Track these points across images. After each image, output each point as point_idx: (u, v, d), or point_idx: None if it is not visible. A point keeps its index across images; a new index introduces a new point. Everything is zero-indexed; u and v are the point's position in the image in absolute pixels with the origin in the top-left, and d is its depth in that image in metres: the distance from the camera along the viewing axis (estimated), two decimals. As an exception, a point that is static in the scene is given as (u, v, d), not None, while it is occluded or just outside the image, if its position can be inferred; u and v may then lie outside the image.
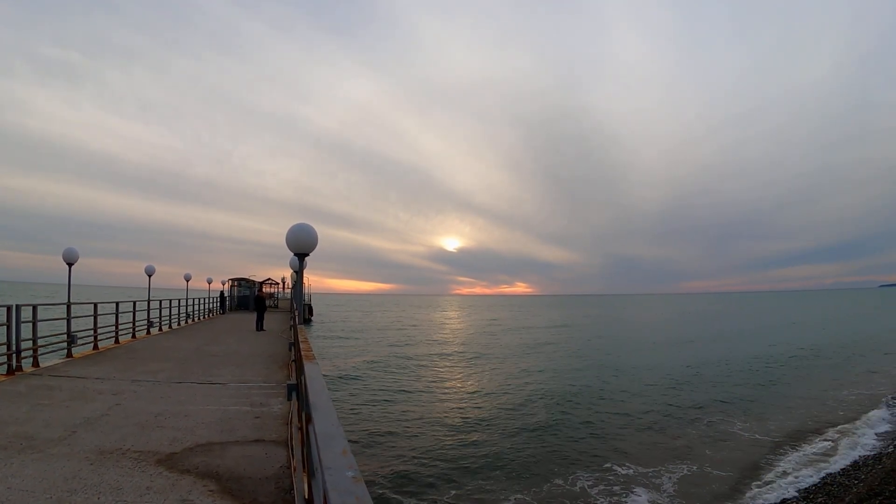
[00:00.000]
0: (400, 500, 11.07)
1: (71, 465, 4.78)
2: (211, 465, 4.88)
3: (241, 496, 4.17)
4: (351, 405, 18.77)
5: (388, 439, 14.94)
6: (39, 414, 6.62)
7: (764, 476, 12.84)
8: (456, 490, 11.68)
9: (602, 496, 11.63)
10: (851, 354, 34.16)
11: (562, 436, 16.06)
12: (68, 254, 14.33)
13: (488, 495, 11.48)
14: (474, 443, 15.03)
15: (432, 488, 11.69)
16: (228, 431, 6.09)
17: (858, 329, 54.32)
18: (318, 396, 2.52)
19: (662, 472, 12.94)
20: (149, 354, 12.89)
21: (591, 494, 11.73)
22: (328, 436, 1.82)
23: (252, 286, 42.50)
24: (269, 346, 15.24)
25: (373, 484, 11.43)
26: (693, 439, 15.76)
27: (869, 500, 10.54)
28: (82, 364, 11.02)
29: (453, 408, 19.33)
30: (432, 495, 11.34)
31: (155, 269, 22.85)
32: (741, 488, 12.12)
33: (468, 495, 11.45)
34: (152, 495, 4.13)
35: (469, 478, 12.39)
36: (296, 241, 8.38)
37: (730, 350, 37.48)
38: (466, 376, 26.56)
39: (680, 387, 23.81)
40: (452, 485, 11.96)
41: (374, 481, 11.68)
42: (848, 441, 15.33)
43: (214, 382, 9.27)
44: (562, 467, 13.31)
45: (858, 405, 19.64)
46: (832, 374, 27.09)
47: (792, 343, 41.46)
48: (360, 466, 1.50)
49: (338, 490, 1.32)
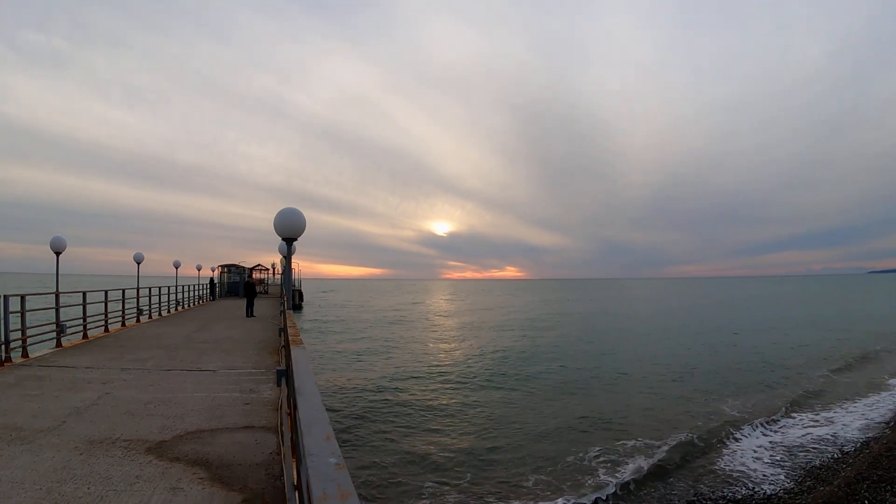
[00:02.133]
0: (390, 485, 10.92)
1: (61, 455, 4.78)
2: (201, 453, 4.89)
3: (231, 483, 4.19)
4: (343, 391, 18.76)
5: (382, 424, 14.93)
6: (29, 404, 6.59)
7: (753, 456, 13.04)
8: (455, 473, 11.68)
9: (612, 470, 11.93)
10: (838, 338, 34.67)
11: (567, 415, 16.38)
12: (56, 243, 14.17)
13: (491, 476, 11.53)
14: (474, 425, 15.19)
15: (426, 472, 11.63)
16: (218, 418, 6.10)
17: (847, 314, 55.14)
18: (303, 381, 2.53)
19: (661, 448, 13.31)
20: (138, 342, 12.82)
21: (601, 469, 11.97)
22: (312, 421, 1.82)
23: (242, 272, 42.34)
24: (259, 333, 15.22)
25: (362, 470, 11.36)
26: (686, 417, 16.15)
27: (857, 483, 10.76)
28: (72, 353, 10.96)
29: (451, 391, 19.43)
30: (427, 479, 11.30)
31: (144, 257, 22.69)
32: (728, 468, 12.33)
33: (473, 477, 11.46)
34: (142, 484, 4.14)
35: (469, 459, 12.44)
36: (283, 225, 8.35)
37: (721, 335, 38.14)
38: (465, 361, 26.52)
39: (678, 369, 24.36)
40: (450, 468, 11.95)
41: (363, 468, 11.51)
42: (836, 425, 15.58)
43: (204, 369, 9.26)
44: (572, 445, 13.51)
45: (850, 389, 19.93)
46: (818, 357, 27.40)
47: (780, 326, 42.28)
48: (347, 453, 1.49)
49: (320, 476, 1.31)
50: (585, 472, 11.86)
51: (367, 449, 12.84)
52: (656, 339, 35.52)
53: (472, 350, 30.16)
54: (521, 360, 26.29)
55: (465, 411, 16.55)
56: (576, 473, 11.75)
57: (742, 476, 11.93)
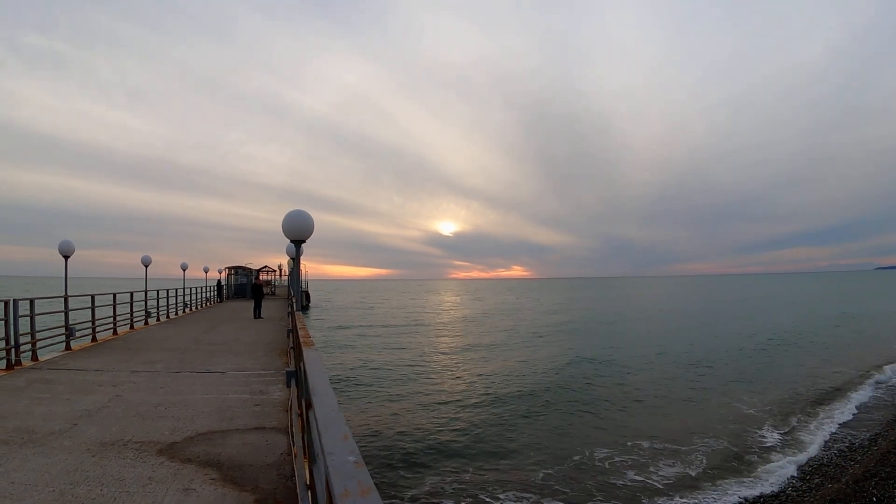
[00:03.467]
0: (407, 482, 11.09)
1: (73, 457, 4.79)
2: (212, 454, 4.89)
3: (242, 484, 4.19)
4: (354, 392, 18.80)
5: (395, 423, 15.00)
6: (40, 407, 6.62)
7: (763, 454, 12.99)
8: (466, 468, 11.80)
9: (622, 469, 11.95)
10: (845, 336, 34.51)
11: (577, 413, 16.50)
12: (64, 246, 14.24)
13: (502, 475, 11.58)
14: (485, 422, 15.28)
15: (439, 469, 11.76)
16: (228, 420, 6.10)
17: (852, 311, 54.72)
18: (317, 382, 2.51)
19: (672, 445, 13.39)
20: (147, 345, 12.88)
21: (610, 468, 12.01)
22: (329, 421, 1.81)
23: (249, 274, 42.40)
24: (268, 334, 15.25)
25: (378, 468, 11.50)
26: (697, 415, 16.31)
27: (865, 480, 10.70)
28: (81, 356, 11.01)
29: (463, 391, 19.44)
30: (441, 475, 11.41)
31: (151, 260, 22.78)
32: (739, 466, 12.28)
33: (482, 474, 11.56)
34: (155, 485, 4.14)
35: (480, 457, 12.54)
36: (292, 227, 8.33)
37: (732, 331, 37.94)
38: (476, 362, 26.47)
39: (688, 366, 24.55)
40: (462, 463, 12.10)
41: (379, 466, 11.72)
42: (843, 422, 15.52)
43: (213, 371, 9.28)
44: (580, 444, 13.57)
45: (853, 386, 19.85)
46: (827, 355, 27.33)
47: (786, 326, 42.06)
48: (362, 452, 1.49)
49: (340, 475, 1.31)
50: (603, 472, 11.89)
51: (381, 446, 12.99)
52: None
53: (494, 354, 30.11)
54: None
55: (485, 408, 16.55)
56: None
57: (750, 473, 11.90)
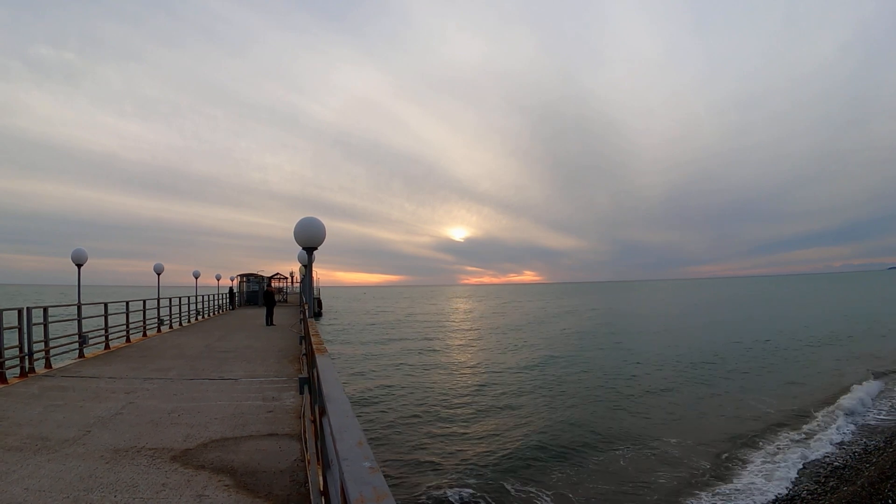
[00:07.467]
0: (424, 488, 11.07)
1: (86, 464, 4.79)
2: (225, 460, 4.88)
3: (256, 490, 4.16)
4: (368, 400, 18.79)
5: (409, 428, 15.04)
6: (53, 415, 6.65)
7: (778, 456, 12.84)
8: (479, 475, 11.73)
9: (641, 472, 11.95)
10: (860, 337, 34.08)
11: (594, 414, 16.58)
12: (77, 255, 14.41)
13: (519, 477, 11.58)
14: (500, 426, 15.32)
15: (454, 473, 11.74)
16: (242, 426, 6.09)
17: (869, 312, 53.83)
18: (331, 388, 2.50)
19: (683, 446, 13.48)
20: (160, 352, 12.94)
21: (631, 470, 12.03)
22: (343, 427, 1.79)
23: (261, 281, 42.59)
24: (280, 341, 15.28)
25: (392, 475, 11.50)
26: (710, 416, 16.40)
27: (881, 483, 10.51)
28: (94, 364, 11.08)
29: (477, 396, 19.46)
30: (456, 479, 11.38)
31: (163, 268, 22.98)
32: (752, 468, 12.16)
33: (499, 476, 11.56)
34: (168, 492, 4.13)
35: (497, 460, 12.52)
36: (304, 235, 8.36)
37: (742, 334, 37.54)
38: (492, 366, 26.46)
39: (703, 366, 24.76)
40: (476, 469, 12.02)
41: (393, 471, 11.73)
42: (858, 424, 15.32)
43: (226, 378, 9.29)
44: (600, 444, 13.67)
45: (868, 387, 19.58)
46: (842, 356, 27.04)
47: (799, 327, 41.54)
48: (376, 458, 1.47)
49: (355, 480, 1.29)
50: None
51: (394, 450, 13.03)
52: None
53: (509, 359, 29.99)
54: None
55: (499, 412, 16.48)
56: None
57: (763, 475, 11.80)
